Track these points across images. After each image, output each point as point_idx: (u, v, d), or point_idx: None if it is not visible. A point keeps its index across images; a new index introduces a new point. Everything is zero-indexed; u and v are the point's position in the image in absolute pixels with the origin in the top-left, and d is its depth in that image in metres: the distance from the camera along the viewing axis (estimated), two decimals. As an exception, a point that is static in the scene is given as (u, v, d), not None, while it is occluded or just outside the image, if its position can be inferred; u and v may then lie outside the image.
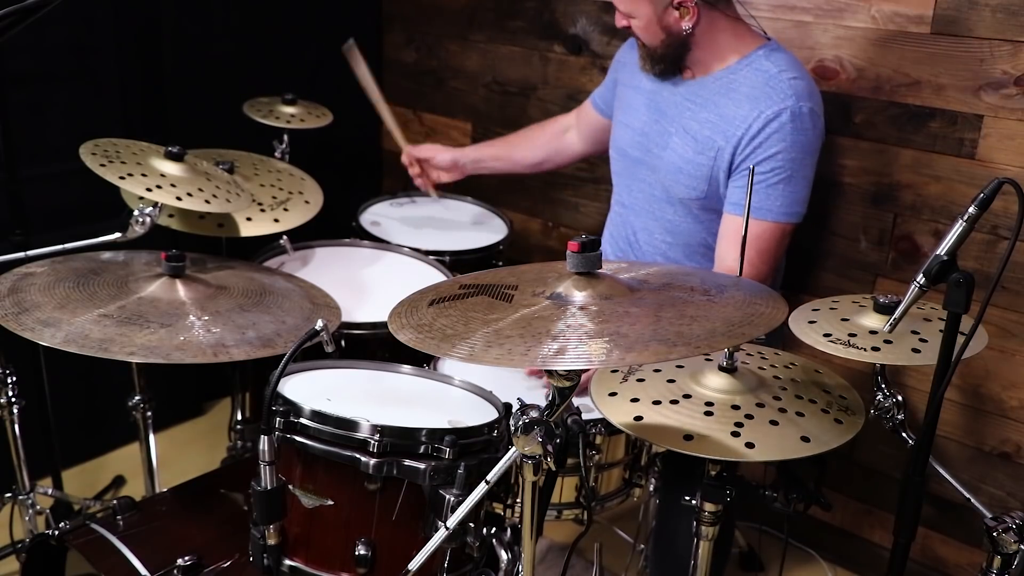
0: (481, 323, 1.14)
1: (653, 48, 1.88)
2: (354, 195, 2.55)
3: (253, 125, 2.29)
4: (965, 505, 1.41)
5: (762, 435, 1.26)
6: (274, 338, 1.54)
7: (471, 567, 1.44)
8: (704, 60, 1.87)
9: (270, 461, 1.32)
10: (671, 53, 1.87)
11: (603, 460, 1.66)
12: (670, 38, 1.84)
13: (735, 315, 1.16)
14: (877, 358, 1.29)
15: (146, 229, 1.73)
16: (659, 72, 1.92)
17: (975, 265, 2.00)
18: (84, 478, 2.54)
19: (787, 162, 1.78)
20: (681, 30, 1.81)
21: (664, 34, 1.83)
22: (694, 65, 1.90)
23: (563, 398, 1.15)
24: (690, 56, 1.87)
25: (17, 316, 1.48)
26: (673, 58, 1.88)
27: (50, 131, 2.34)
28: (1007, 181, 1.13)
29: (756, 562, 2.32)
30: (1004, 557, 1.28)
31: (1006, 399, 2.07)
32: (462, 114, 2.97)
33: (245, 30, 2.73)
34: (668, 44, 1.85)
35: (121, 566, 1.46)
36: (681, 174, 1.89)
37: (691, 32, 1.81)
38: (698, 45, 1.85)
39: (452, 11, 2.91)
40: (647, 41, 1.87)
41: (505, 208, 2.65)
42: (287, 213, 2.01)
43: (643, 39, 1.88)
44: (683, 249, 1.98)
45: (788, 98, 1.76)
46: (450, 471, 1.33)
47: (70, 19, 2.31)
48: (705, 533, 1.43)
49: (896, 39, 2.03)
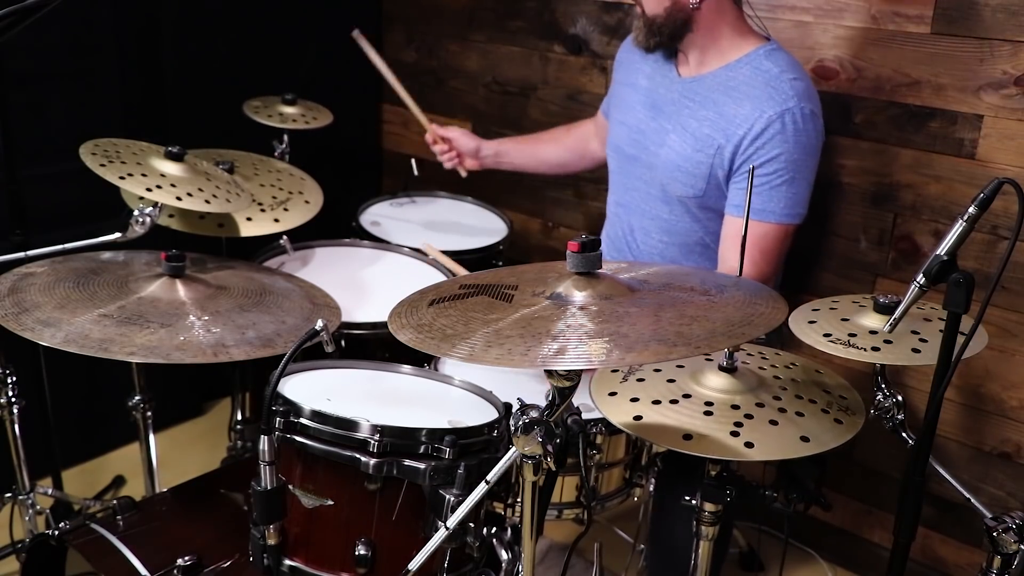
0: (481, 323, 1.14)
1: (654, 16, 1.84)
2: (354, 195, 2.55)
3: (253, 125, 2.29)
4: (965, 505, 1.41)
5: (761, 435, 1.26)
6: (274, 338, 1.54)
7: (471, 567, 1.44)
8: (701, 47, 1.86)
9: (270, 461, 1.32)
10: (670, 26, 1.84)
11: (604, 460, 1.66)
12: (675, 7, 1.81)
13: (735, 315, 1.16)
14: (877, 358, 1.29)
15: (146, 229, 1.73)
16: (653, 46, 1.89)
17: (975, 265, 2.00)
18: (84, 478, 2.54)
19: (789, 163, 1.78)
20: (688, 1, 1.79)
21: (670, 1, 1.81)
22: (690, 52, 1.88)
23: (563, 398, 1.15)
24: (688, 38, 1.85)
25: (17, 316, 1.48)
26: (671, 32, 1.85)
27: (50, 131, 2.34)
28: (1007, 181, 1.13)
29: (756, 562, 2.32)
30: (1004, 557, 1.29)
31: (1006, 399, 2.07)
32: (462, 114, 2.96)
33: (245, 30, 2.73)
34: (671, 14, 1.82)
35: (121, 566, 1.46)
36: (679, 172, 1.89)
37: (697, 7, 1.79)
38: (699, 28, 1.83)
39: (452, 11, 2.91)
40: (650, 8, 1.84)
41: (505, 208, 2.65)
42: (287, 213, 2.01)
43: (646, 6, 1.85)
44: (680, 248, 1.98)
45: (790, 99, 1.76)
46: (450, 471, 1.33)
47: (70, 19, 2.30)
48: (705, 533, 1.43)
49: (896, 39, 2.03)
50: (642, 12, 1.87)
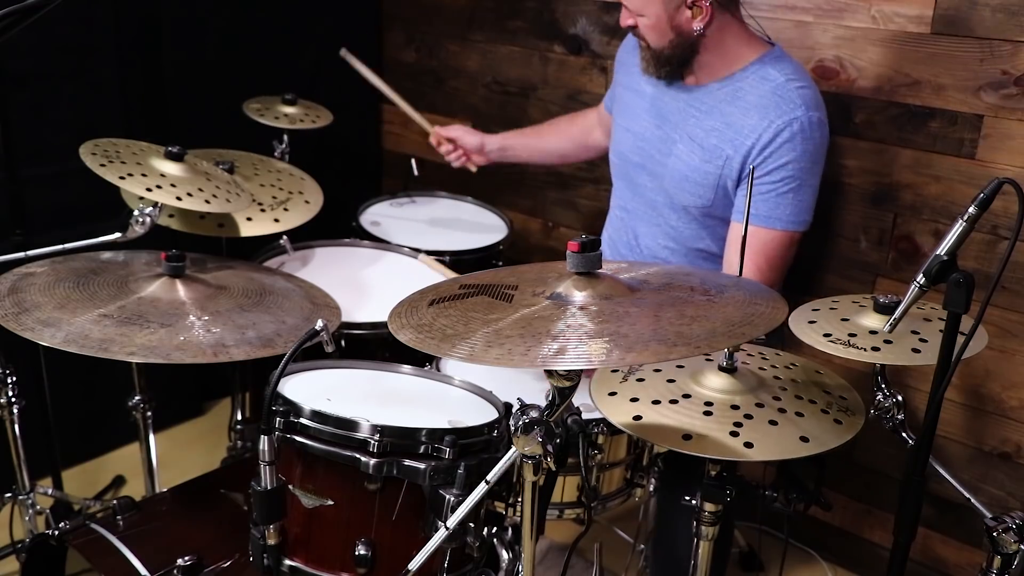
0: (481, 323, 1.14)
1: (659, 49, 1.83)
2: (354, 195, 2.55)
3: (253, 125, 2.29)
4: (965, 505, 1.41)
5: (761, 435, 1.26)
6: (274, 338, 1.54)
7: (471, 567, 1.44)
8: (710, 64, 1.84)
9: (270, 461, 1.32)
10: (678, 55, 1.83)
11: (605, 460, 1.66)
12: (679, 39, 1.80)
13: (735, 315, 1.16)
14: (877, 358, 1.29)
15: (146, 229, 1.73)
16: (664, 75, 1.88)
17: (975, 265, 2.00)
18: (84, 478, 2.54)
19: (797, 172, 1.77)
20: (692, 30, 1.77)
21: (673, 34, 1.79)
22: (699, 69, 1.86)
23: (563, 398, 1.15)
24: (697, 60, 1.84)
25: (17, 316, 1.48)
26: (680, 60, 1.84)
27: (50, 131, 2.34)
28: (1007, 181, 1.13)
29: (756, 562, 2.32)
30: (1004, 557, 1.29)
31: (1006, 399, 2.07)
32: (462, 114, 2.96)
33: (245, 30, 2.73)
34: (676, 45, 1.81)
35: (121, 566, 1.47)
36: (687, 182, 1.88)
37: (702, 33, 1.77)
38: (706, 48, 1.81)
39: (452, 11, 2.91)
40: (654, 42, 1.83)
41: (505, 208, 2.65)
42: (287, 213, 2.01)
43: (649, 40, 1.83)
44: (685, 255, 1.98)
45: (798, 108, 1.75)
46: (450, 471, 1.33)
47: (70, 19, 2.30)
48: (705, 533, 1.43)
49: (896, 39, 2.03)
50: (647, 45, 1.86)
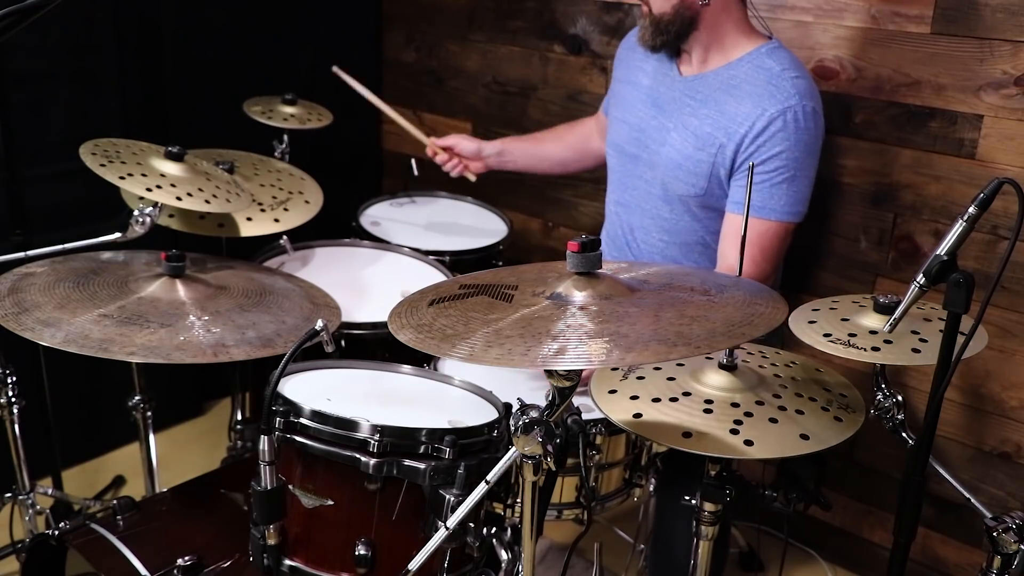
0: (481, 323, 1.14)
1: (661, 14, 1.84)
2: (354, 195, 2.55)
3: (253, 125, 2.29)
4: (965, 505, 1.41)
5: (761, 433, 1.26)
6: (274, 338, 1.54)
7: (471, 567, 1.44)
8: (705, 46, 1.86)
9: (270, 461, 1.32)
10: (677, 25, 1.83)
11: (603, 460, 1.66)
12: (683, 4, 1.80)
13: (735, 315, 1.16)
14: (877, 358, 1.29)
15: (146, 229, 1.73)
16: (659, 45, 1.88)
17: (975, 265, 2.00)
18: (84, 478, 2.54)
19: (790, 161, 1.78)
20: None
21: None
22: (693, 50, 1.88)
23: (563, 398, 1.15)
24: (693, 36, 1.85)
25: (17, 316, 1.48)
26: (678, 31, 1.84)
27: (50, 131, 2.34)
28: (1007, 181, 1.14)
29: (756, 562, 2.32)
30: (1004, 557, 1.29)
31: (1006, 399, 2.07)
32: (462, 114, 2.96)
33: (245, 30, 2.73)
34: (678, 11, 1.81)
35: (121, 566, 1.46)
36: (680, 170, 1.89)
37: (707, 3, 1.78)
38: (704, 26, 1.83)
39: (452, 11, 2.91)
40: (657, 7, 1.84)
41: (505, 208, 2.65)
42: (287, 213, 2.01)
43: (653, 4, 1.84)
44: (680, 247, 1.98)
45: (791, 97, 1.76)
46: (450, 471, 1.33)
47: (70, 19, 2.31)
48: (704, 533, 1.43)
49: (896, 39, 2.03)
50: (648, 11, 1.87)
